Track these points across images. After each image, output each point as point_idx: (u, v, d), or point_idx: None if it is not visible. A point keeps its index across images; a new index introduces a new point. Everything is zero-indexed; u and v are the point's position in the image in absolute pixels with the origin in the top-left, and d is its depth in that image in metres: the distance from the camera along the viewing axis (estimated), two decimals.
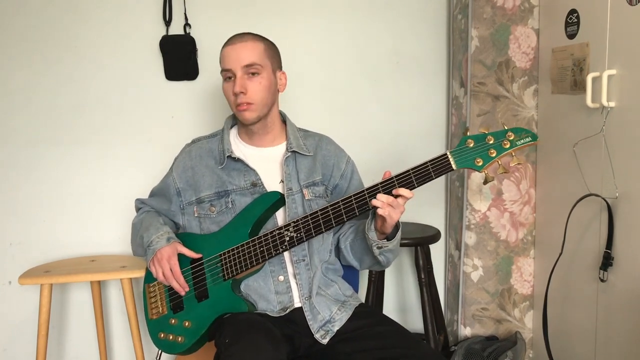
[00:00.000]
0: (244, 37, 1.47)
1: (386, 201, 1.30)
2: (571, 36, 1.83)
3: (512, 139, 1.28)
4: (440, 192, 2.34)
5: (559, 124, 1.94)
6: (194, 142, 1.60)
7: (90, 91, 2.06)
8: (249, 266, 1.42)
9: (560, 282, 1.91)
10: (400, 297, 2.40)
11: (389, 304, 2.36)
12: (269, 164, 1.52)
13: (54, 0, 2.00)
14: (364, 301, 1.68)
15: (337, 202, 1.37)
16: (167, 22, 2.05)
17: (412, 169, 1.33)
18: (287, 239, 1.40)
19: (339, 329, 1.45)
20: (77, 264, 1.95)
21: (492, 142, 1.29)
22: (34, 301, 2.01)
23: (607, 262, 1.67)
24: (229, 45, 1.46)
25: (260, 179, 1.49)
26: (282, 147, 1.55)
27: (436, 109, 2.30)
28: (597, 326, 1.75)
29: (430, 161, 1.32)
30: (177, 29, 2.06)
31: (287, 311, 1.45)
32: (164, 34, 2.06)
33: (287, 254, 1.48)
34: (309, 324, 1.44)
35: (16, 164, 2.04)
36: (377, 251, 1.41)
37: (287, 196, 1.48)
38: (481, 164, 1.29)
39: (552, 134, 1.99)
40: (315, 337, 1.43)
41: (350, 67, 2.22)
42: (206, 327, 1.44)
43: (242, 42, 1.45)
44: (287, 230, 1.40)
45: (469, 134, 1.31)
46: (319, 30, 2.18)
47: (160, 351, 1.54)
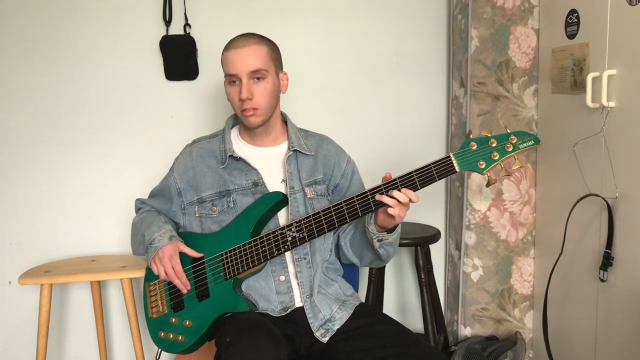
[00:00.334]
0: (248, 40, 1.44)
1: (399, 198, 1.30)
2: (571, 36, 1.83)
3: (514, 142, 1.29)
4: (440, 192, 2.34)
5: (559, 124, 1.94)
6: (194, 142, 1.60)
7: (90, 91, 2.06)
8: (251, 266, 1.42)
9: (560, 282, 1.91)
10: (400, 297, 2.40)
11: (389, 304, 2.36)
12: (270, 163, 1.52)
13: (54, 0, 2.00)
14: (364, 301, 1.68)
15: (340, 202, 1.37)
16: (167, 22, 2.05)
17: (415, 171, 1.33)
18: (290, 239, 1.40)
19: (339, 328, 1.45)
20: (77, 264, 1.95)
21: (495, 145, 1.30)
22: (34, 301, 2.01)
23: (607, 262, 1.67)
24: (233, 49, 1.43)
25: (261, 178, 1.49)
26: (283, 146, 1.55)
27: (436, 109, 2.30)
28: (597, 326, 1.75)
29: (433, 163, 1.32)
30: (177, 29, 2.06)
31: (288, 311, 1.45)
32: (164, 34, 2.06)
33: (288, 253, 1.48)
34: (310, 322, 1.44)
35: (16, 164, 2.04)
36: (377, 244, 1.42)
37: (290, 195, 1.48)
38: (484, 166, 1.30)
39: (552, 134, 1.99)
40: (315, 335, 1.43)
41: (350, 67, 2.22)
42: (207, 326, 1.44)
43: (247, 46, 1.42)
44: (290, 230, 1.40)
45: (471, 136, 1.31)
46: (319, 30, 2.18)
47: (159, 350, 1.53)
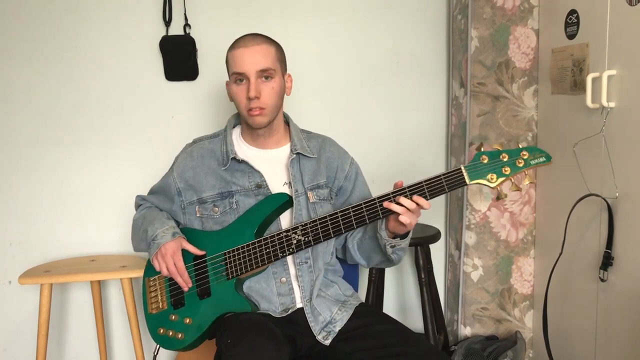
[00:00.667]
0: (257, 39, 1.44)
1: (407, 206, 1.30)
2: (571, 36, 1.83)
3: (526, 157, 1.30)
4: None
5: (559, 124, 1.94)
6: (195, 142, 1.59)
7: (90, 91, 2.06)
8: (254, 267, 1.42)
9: (560, 282, 1.91)
10: (400, 297, 2.40)
11: (389, 304, 2.36)
12: (273, 165, 1.52)
13: (54, 0, 2.00)
14: (363, 301, 1.68)
15: (347, 208, 1.37)
16: (167, 23, 2.05)
17: (425, 181, 1.33)
18: (295, 241, 1.39)
19: (340, 328, 1.45)
20: (77, 264, 1.95)
21: (506, 159, 1.30)
22: (34, 301, 2.00)
23: (607, 262, 1.67)
24: (241, 47, 1.43)
25: (265, 180, 1.48)
26: (285, 149, 1.55)
27: (436, 109, 2.30)
28: (597, 326, 1.76)
29: (444, 174, 1.32)
30: (177, 29, 2.06)
31: (289, 312, 1.45)
32: (164, 34, 2.06)
33: (289, 256, 1.48)
34: (311, 326, 1.44)
35: (16, 164, 2.04)
36: (390, 250, 1.42)
37: (294, 198, 1.48)
38: (495, 180, 1.30)
39: (552, 134, 1.99)
40: (317, 338, 1.43)
41: (350, 67, 2.22)
42: (207, 325, 1.43)
43: (256, 45, 1.42)
44: (295, 232, 1.39)
45: (483, 149, 1.32)
46: (319, 30, 2.18)
47: (158, 346, 1.53)
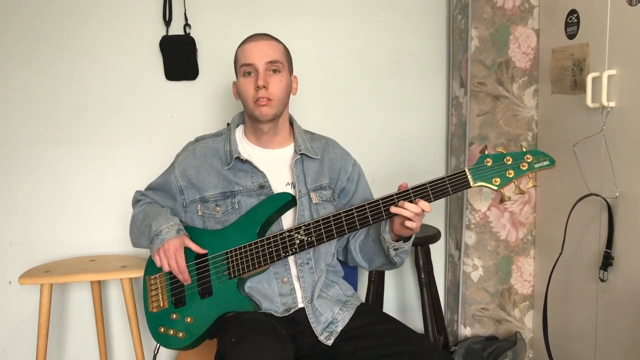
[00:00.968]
0: (266, 36, 1.49)
1: (414, 211, 1.31)
2: (571, 36, 1.83)
3: (530, 161, 1.30)
4: None
5: (559, 124, 1.94)
6: (197, 140, 1.58)
7: (90, 91, 2.06)
8: (257, 266, 1.42)
9: (560, 282, 1.91)
10: (400, 297, 2.40)
11: (389, 304, 2.36)
12: (276, 166, 1.51)
13: (54, 0, 2.00)
14: (364, 301, 1.68)
15: (351, 209, 1.37)
16: (167, 23, 2.05)
17: (429, 183, 1.33)
18: (298, 242, 1.39)
19: (342, 328, 1.45)
20: (77, 264, 1.95)
21: (510, 162, 1.31)
22: (34, 301, 2.00)
23: (607, 262, 1.67)
24: (251, 41, 1.47)
25: (268, 181, 1.48)
26: (289, 149, 1.55)
27: (436, 109, 2.31)
28: (597, 326, 1.75)
29: (447, 176, 1.33)
30: (177, 29, 2.06)
31: (291, 311, 1.45)
32: (164, 34, 2.05)
33: (291, 256, 1.48)
34: (312, 327, 1.44)
35: (16, 164, 2.04)
36: (393, 253, 1.42)
37: (297, 198, 1.48)
38: (499, 183, 1.31)
39: (552, 134, 1.99)
40: (319, 339, 1.43)
41: (350, 67, 2.22)
42: (209, 324, 1.43)
43: (265, 39, 1.47)
44: (298, 232, 1.39)
45: (487, 152, 1.32)
46: (319, 30, 2.18)
47: (158, 345, 1.53)
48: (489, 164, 1.31)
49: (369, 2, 2.20)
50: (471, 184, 1.31)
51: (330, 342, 1.42)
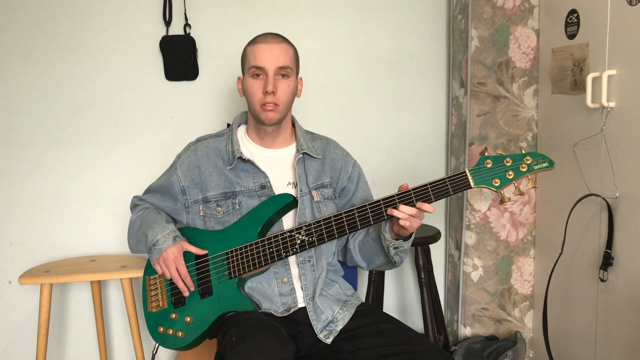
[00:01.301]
0: (278, 38, 1.47)
1: (409, 213, 1.33)
2: (571, 36, 1.83)
3: (529, 162, 1.32)
4: None
5: (559, 124, 1.94)
6: (199, 140, 1.58)
7: (90, 91, 2.06)
8: (257, 266, 1.42)
9: (560, 282, 1.91)
10: (400, 297, 2.40)
11: (389, 304, 2.36)
12: (277, 165, 1.52)
13: (53, 0, 2.00)
14: (364, 301, 1.68)
15: (352, 209, 1.38)
16: (167, 23, 2.05)
17: (430, 184, 1.34)
18: (299, 242, 1.40)
19: (341, 328, 1.45)
20: (77, 264, 1.95)
21: (509, 164, 1.33)
22: (34, 301, 2.01)
23: (607, 262, 1.67)
24: (262, 43, 1.45)
25: (269, 181, 1.49)
26: (291, 149, 1.55)
27: (436, 109, 2.31)
28: (597, 326, 1.76)
29: (448, 177, 1.34)
30: (177, 29, 2.06)
31: (291, 311, 1.45)
32: (164, 34, 2.06)
33: (292, 256, 1.47)
34: (313, 325, 1.44)
35: (16, 164, 2.04)
36: (392, 252, 1.43)
37: (299, 197, 1.48)
38: (499, 184, 1.33)
39: (552, 134, 1.99)
40: (319, 337, 1.43)
41: (350, 67, 2.22)
42: (209, 324, 1.43)
43: (277, 43, 1.45)
44: (299, 232, 1.40)
45: (487, 154, 1.34)
46: (319, 30, 2.18)
47: (157, 345, 1.53)
48: (489, 166, 1.33)
49: (369, 2, 2.20)
50: (472, 185, 1.33)
51: (329, 341, 1.43)
